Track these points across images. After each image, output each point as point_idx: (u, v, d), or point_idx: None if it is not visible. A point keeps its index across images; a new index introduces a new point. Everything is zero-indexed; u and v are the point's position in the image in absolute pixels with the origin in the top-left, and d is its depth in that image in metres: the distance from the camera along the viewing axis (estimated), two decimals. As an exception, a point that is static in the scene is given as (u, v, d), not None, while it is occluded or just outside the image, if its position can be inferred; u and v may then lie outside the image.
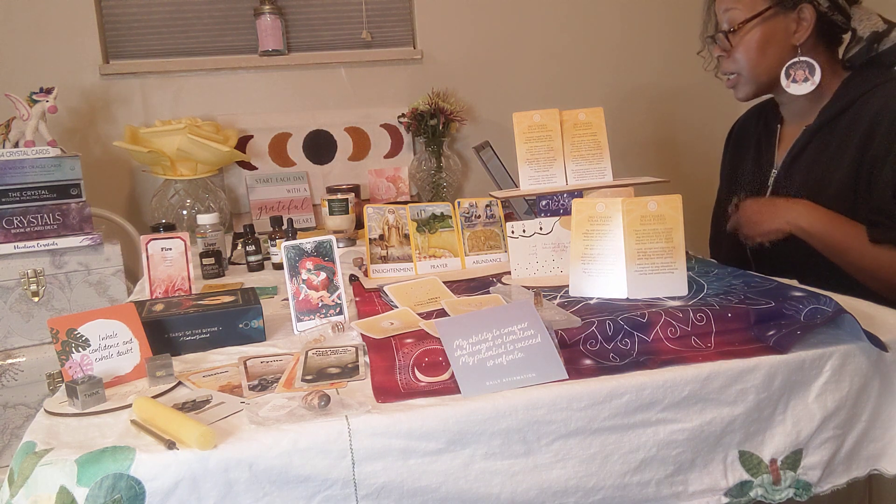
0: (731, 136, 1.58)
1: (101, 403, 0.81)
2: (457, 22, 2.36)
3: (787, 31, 1.27)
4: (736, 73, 1.34)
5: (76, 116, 2.14)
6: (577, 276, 1.09)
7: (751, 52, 1.30)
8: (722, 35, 1.32)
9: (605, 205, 1.07)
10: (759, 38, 1.28)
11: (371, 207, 1.36)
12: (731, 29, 1.30)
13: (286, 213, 2.17)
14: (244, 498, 0.70)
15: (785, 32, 1.27)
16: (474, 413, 0.76)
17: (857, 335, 0.87)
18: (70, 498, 0.66)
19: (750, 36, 1.29)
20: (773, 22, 1.27)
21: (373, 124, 2.32)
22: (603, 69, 2.50)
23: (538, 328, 0.85)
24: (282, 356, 0.94)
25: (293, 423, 0.73)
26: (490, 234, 1.40)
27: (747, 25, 1.28)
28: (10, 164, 1.60)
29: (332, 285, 1.06)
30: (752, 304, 0.93)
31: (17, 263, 1.63)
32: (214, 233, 1.56)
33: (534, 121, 1.27)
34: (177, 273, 1.27)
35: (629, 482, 0.80)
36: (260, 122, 2.24)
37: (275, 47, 2.22)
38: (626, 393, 0.80)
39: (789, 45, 1.28)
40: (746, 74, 1.33)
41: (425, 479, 0.74)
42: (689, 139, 2.60)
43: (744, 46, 1.30)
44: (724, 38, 1.32)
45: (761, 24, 1.28)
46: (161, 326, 0.96)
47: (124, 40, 2.19)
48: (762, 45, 1.29)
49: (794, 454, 0.85)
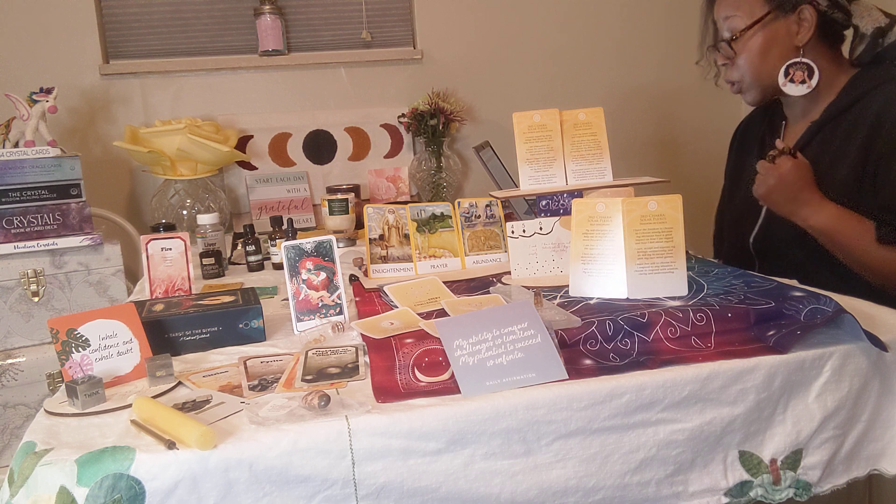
0: (737, 134, 1.58)
1: (101, 403, 0.81)
2: (457, 22, 2.37)
3: (788, 34, 1.27)
4: (739, 80, 1.34)
5: (76, 116, 2.14)
6: (577, 276, 1.09)
7: (754, 59, 1.30)
8: (724, 44, 1.32)
9: (605, 205, 1.07)
10: (762, 43, 1.28)
11: (371, 207, 1.36)
12: (733, 37, 1.30)
13: (286, 213, 2.17)
14: (244, 498, 0.70)
15: (787, 35, 1.27)
16: (474, 413, 0.76)
17: (857, 335, 0.87)
18: (70, 498, 0.66)
19: (752, 42, 1.29)
20: (774, 26, 1.27)
21: (373, 124, 2.32)
22: (603, 69, 2.50)
23: (538, 328, 0.85)
24: (282, 356, 0.94)
25: (293, 423, 0.73)
26: (490, 234, 1.40)
27: (748, 32, 1.28)
28: (10, 164, 1.60)
29: (332, 285, 1.06)
30: (752, 304, 0.93)
31: (17, 263, 1.63)
32: (214, 233, 1.56)
33: (534, 121, 1.27)
34: (177, 273, 1.27)
35: (629, 482, 0.80)
36: (260, 122, 2.24)
37: (275, 47, 2.22)
38: (626, 393, 0.80)
39: (792, 46, 1.28)
40: (750, 80, 1.32)
41: (425, 479, 0.74)
42: (689, 139, 2.60)
43: (746, 53, 1.30)
44: (727, 46, 1.32)
45: (762, 29, 1.27)
46: (161, 326, 0.96)
47: (124, 40, 2.19)
48: (765, 50, 1.28)
49: (794, 454, 0.85)
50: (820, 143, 1.29)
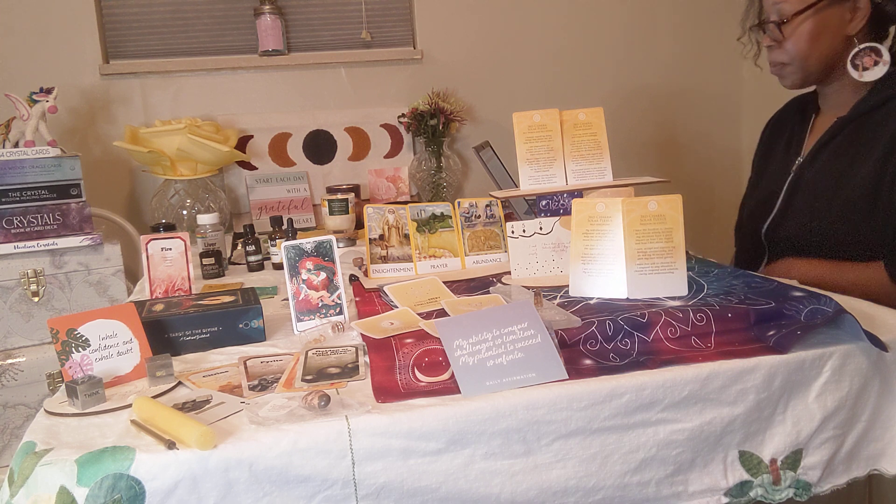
0: (768, 126, 1.56)
1: (101, 403, 0.81)
2: (457, 22, 2.36)
3: (841, 21, 1.25)
4: (786, 63, 1.32)
5: (76, 116, 2.14)
6: (577, 276, 1.08)
7: (802, 43, 1.27)
8: (773, 26, 1.29)
9: (605, 205, 1.07)
10: (812, 28, 1.26)
11: (371, 207, 1.36)
12: (784, 20, 1.27)
13: (286, 213, 2.17)
14: (244, 498, 0.70)
15: (839, 22, 1.25)
16: (474, 413, 0.76)
17: (857, 335, 0.87)
18: (70, 498, 0.66)
19: (803, 27, 1.26)
20: (828, 12, 1.25)
21: (373, 124, 2.32)
22: (603, 69, 2.50)
23: (538, 328, 0.85)
24: (282, 356, 0.94)
25: (293, 423, 0.73)
26: (490, 234, 1.40)
27: (800, 17, 1.26)
28: (10, 164, 1.60)
29: (332, 285, 1.06)
30: (752, 305, 0.93)
31: (17, 263, 1.63)
32: (214, 233, 1.56)
33: (534, 121, 1.27)
34: (177, 273, 1.27)
35: (629, 482, 0.80)
36: (260, 122, 2.24)
37: (275, 47, 2.22)
38: (626, 393, 0.80)
39: (842, 35, 1.26)
40: (797, 65, 1.30)
41: (425, 479, 0.74)
42: (689, 139, 2.60)
43: (796, 37, 1.27)
44: (776, 28, 1.29)
45: (814, 14, 1.25)
46: (161, 326, 0.96)
47: (124, 40, 2.19)
48: (815, 35, 1.26)
49: (794, 454, 0.85)
50: (844, 139, 1.27)
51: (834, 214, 1.23)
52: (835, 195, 1.24)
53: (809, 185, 1.30)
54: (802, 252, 1.29)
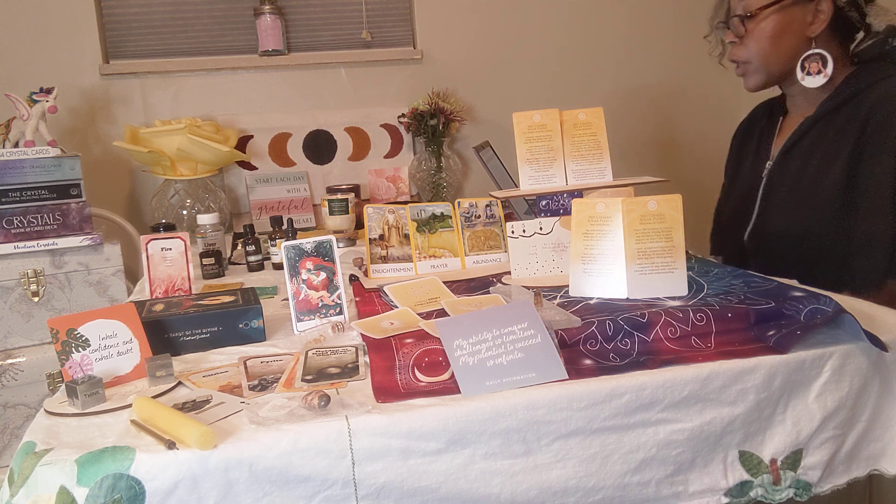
0: (738, 132, 1.57)
1: (101, 403, 0.81)
2: (457, 22, 2.36)
3: (802, 23, 1.26)
4: (746, 61, 1.32)
5: (76, 116, 2.14)
6: (577, 276, 1.08)
7: (764, 41, 1.28)
8: (737, 19, 1.30)
9: (605, 205, 1.07)
10: (775, 26, 1.27)
11: (371, 207, 1.36)
12: (748, 14, 1.28)
13: (286, 213, 2.17)
14: (244, 498, 0.70)
15: (801, 23, 1.26)
16: (474, 413, 0.76)
17: (857, 335, 0.87)
18: (70, 498, 0.66)
19: (765, 24, 1.27)
20: (791, 11, 1.26)
21: (373, 124, 2.32)
22: (603, 69, 2.50)
23: (538, 328, 0.85)
24: (282, 356, 0.94)
25: (293, 423, 0.73)
26: (490, 234, 1.40)
27: (765, 12, 1.27)
28: (10, 164, 1.60)
29: (332, 285, 1.06)
30: (752, 304, 0.93)
31: (17, 263, 1.63)
32: (214, 233, 1.56)
33: (534, 121, 1.27)
34: (177, 273, 1.27)
35: (629, 482, 0.80)
36: (260, 122, 2.24)
37: (275, 47, 2.22)
38: (626, 393, 0.80)
39: (804, 36, 1.27)
40: (757, 63, 1.31)
41: (425, 479, 0.74)
42: (689, 139, 2.60)
43: (758, 34, 1.29)
44: (739, 22, 1.30)
45: (778, 12, 1.26)
46: (161, 326, 0.96)
47: (124, 40, 2.19)
48: (777, 34, 1.27)
49: (794, 454, 0.85)
50: (812, 139, 1.28)
51: (810, 215, 1.24)
52: (809, 195, 1.24)
53: (783, 188, 1.31)
54: (787, 255, 1.29)
